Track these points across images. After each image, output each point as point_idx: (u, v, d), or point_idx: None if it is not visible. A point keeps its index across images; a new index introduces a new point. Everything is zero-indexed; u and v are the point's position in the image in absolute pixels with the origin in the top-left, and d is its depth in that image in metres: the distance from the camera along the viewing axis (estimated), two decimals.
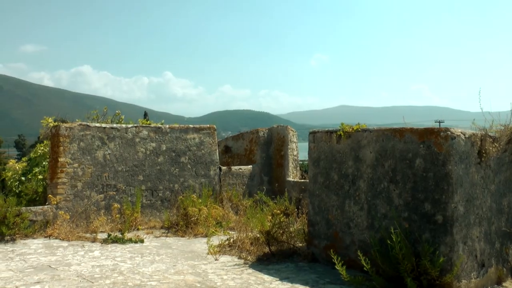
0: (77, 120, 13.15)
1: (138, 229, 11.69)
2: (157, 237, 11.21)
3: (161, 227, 12.07)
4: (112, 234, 10.66)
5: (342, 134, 8.35)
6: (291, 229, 9.67)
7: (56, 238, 10.71)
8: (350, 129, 8.28)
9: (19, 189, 13.92)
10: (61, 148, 11.57)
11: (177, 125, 13.37)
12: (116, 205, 11.71)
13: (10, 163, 17.14)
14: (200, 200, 12.16)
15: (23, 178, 14.32)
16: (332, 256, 7.17)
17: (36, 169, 14.01)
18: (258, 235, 9.58)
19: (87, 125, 12.01)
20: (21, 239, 10.57)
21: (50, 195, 11.41)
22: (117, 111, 15.69)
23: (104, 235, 10.71)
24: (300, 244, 9.39)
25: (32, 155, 15.22)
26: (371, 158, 7.85)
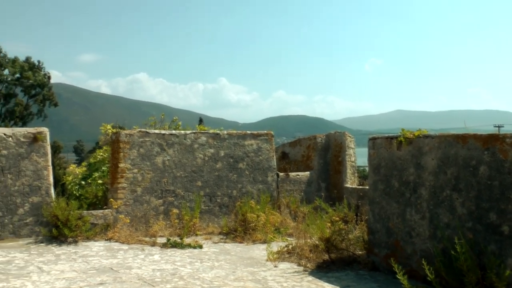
0: (135, 126, 13.34)
1: (196, 235, 11.74)
2: (215, 243, 11.24)
3: (219, 233, 12.08)
4: (171, 239, 10.75)
5: (402, 140, 8.17)
6: (350, 236, 9.53)
7: (116, 241, 10.89)
8: (411, 135, 8.09)
9: (79, 192, 14.21)
10: (121, 154, 11.76)
11: (235, 131, 13.41)
12: (175, 210, 11.81)
13: (71, 167, 17.52)
14: (258, 206, 12.14)
15: (83, 183, 14.62)
16: (394, 265, 7.03)
17: (96, 174, 14.28)
18: (317, 242, 9.47)
19: (147, 132, 12.17)
20: (82, 241, 10.79)
21: (111, 200, 11.60)
22: (174, 118, 15.87)
23: (163, 240, 10.81)
24: (360, 252, 9.25)
25: (91, 160, 15.52)
26: (433, 165, 7.64)
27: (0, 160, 10.84)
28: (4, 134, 10.99)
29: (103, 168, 14.32)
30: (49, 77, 68.99)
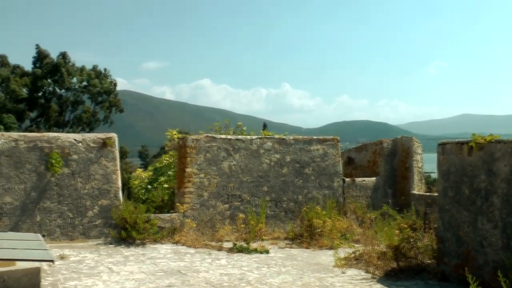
0: (200, 132, 13.43)
1: (262, 240, 11.68)
2: (281, 248, 11.17)
3: (285, 238, 12.00)
4: (237, 243, 10.76)
5: (473, 145, 7.85)
6: (418, 244, 9.28)
7: (183, 245, 10.98)
8: (482, 140, 7.77)
9: (145, 196, 14.40)
10: (188, 159, 11.86)
11: (300, 137, 13.34)
12: (241, 215, 11.82)
13: (137, 172, 17.80)
14: (324, 212, 12.01)
15: (149, 187, 14.81)
16: (468, 276, 6.76)
17: (162, 178, 14.45)
18: (386, 250, 9.28)
19: (213, 137, 12.24)
20: (150, 244, 10.95)
21: (177, 204, 11.71)
22: (238, 123, 15.90)
23: (230, 244, 10.82)
24: (429, 261, 8.98)
25: (157, 165, 15.72)
26: (506, 172, 7.31)
27: (70, 164, 11.11)
28: (75, 140, 11.26)
29: (169, 172, 14.48)
30: (115, 84, 70.48)
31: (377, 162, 15.24)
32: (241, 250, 10.47)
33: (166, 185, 13.96)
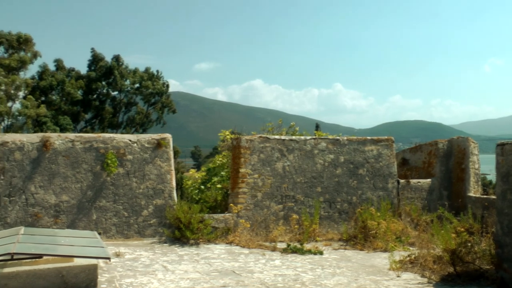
0: (253, 132, 13.42)
1: (316, 241, 11.59)
2: (335, 249, 11.06)
3: (339, 240, 11.88)
4: (291, 244, 10.69)
5: None
6: (476, 249, 9.02)
7: (237, 245, 10.99)
8: None
9: (198, 196, 14.46)
10: (242, 159, 11.87)
11: (355, 137, 13.19)
12: (294, 216, 11.74)
13: (190, 172, 17.92)
14: (378, 214, 11.84)
15: (202, 187, 14.87)
16: None
17: (215, 179, 14.49)
18: (442, 254, 9.05)
19: (267, 138, 12.21)
20: (204, 243, 10.99)
21: (231, 204, 11.73)
22: (291, 123, 15.84)
23: (283, 245, 10.77)
24: (487, 267, 8.71)
25: (211, 165, 15.78)
26: None
27: (126, 164, 11.26)
28: (130, 140, 11.40)
29: (222, 173, 14.53)
30: (167, 86, 71.32)
31: (432, 163, 14.94)
32: (295, 251, 10.42)
33: (219, 186, 14.00)
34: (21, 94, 60.04)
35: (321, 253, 10.42)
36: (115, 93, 68.55)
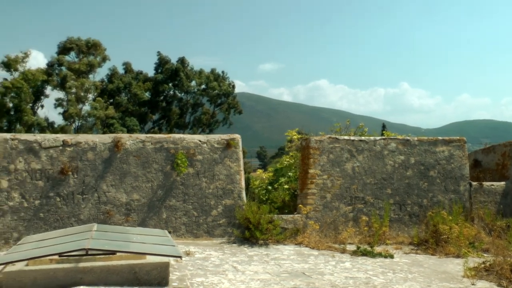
0: (321, 133, 13.32)
1: (386, 244, 11.38)
2: (406, 253, 10.83)
3: (410, 243, 11.62)
4: (361, 246, 10.55)
5: None
6: None
7: (306, 246, 10.91)
8: None
9: (266, 197, 14.45)
10: (311, 160, 11.78)
11: (425, 138, 12.88)
12: (364, 217, 11.56)
13: (258, 172, 17.95)
14: (450, 217, 11.52)
15: (269, 187, 14.85)
16: None
17: (282, 179, 14.44)
18: None
19: (336, 138, 12.09)
20: (273, 244, 10.96)
21: (300, 205, 11.67)
22: (360, 124, 15.65)
23: (353, 247, 10.64)
24: None
25: (278, 165, 15.74)
26: None
27: (195, 164, 11.35)
28: (199, 141, 11.49)
29: (289, 173, 14.46)
30: (233, 86, 71.95)
31: (506, 165, 14.45)
32: (365, 253, 10.27)
33: (286, 186, 13.95)
34: (90, 96, 61.82)
35: (391, 256, 10.22)
36: (182, 94, 69.65)
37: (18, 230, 10.52)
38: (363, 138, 12.38)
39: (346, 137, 12.23)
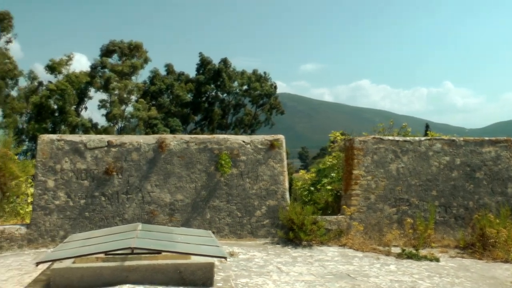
0: (364, 133, 13.21)
1: (431, 247, 11.17)
2: (452, 257, 10.63)
3: (455, 247, 11.40)
4: (406, 249, 10.39)
5: None
6: None
7: (350, 248, 10.83)
8: None
9: (308, 198, 14.39)
10: (355, 160, 11.69)
11: (471, 138, 12.63)
12: (409, 219, 11.39)
13: (300, 173, 17.91)
14: (497, 221, 11.25)
15: (312, 188, 14.79)
16: None
17: (325, 180, 14.36)
18: None
19: (381, 138, 11.96)
20: (317, 245, 10.92)
21: (344, 206, 11.58)
22: (403, 124, 15.48)
23: (397, 249, 10.50)
24: None
25: (321, 166, 15.67)
26: None
27: (239, 165, 11.37)
28: (243, 141, 11.51)
29: (332, 174, 14.38)
30: (275, 87, 71.99)
31: None
32: (410, 256, 10.12)
33: (329, 187, 13.86)
34: (133, 97, 62.68)
35: (437, 260, 10.05)
36: (224, 95, 70.01)
37: (64, 228, 10.71)
38: (407, 138, 12.21)
39: (390, 138, 12.08)
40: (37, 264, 7.41)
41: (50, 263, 7.74)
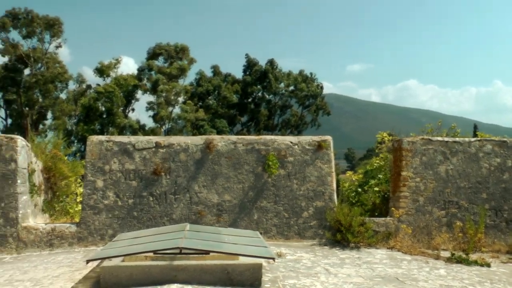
0: (411, 134, 13.04)
1: (481, 251, 10.91)
2: (503, 262, 10.32)
3: (507, 252, 11.07)
4: (456, 253, 10.18)
5: None
6: None
7: (398, 251, 10.69)
8: None
9: (355, 199, 14.29)
10: (404, 162, 11.54)
11: None
12: (458, 223, 11.18)
13: (347, 174, 17.80)
14: None
15: (359, 189, 14.67)
16: None
17: (372, 181, 14.22)
18: None
19: (429, 139, 11.78)
20: (364, 247, 10.81)
21: (393, 208, 11.45)
22: (452, 125, 15.23)
23: (447, 253, 10.30)
24: None
25: (368, 167, 15.53)
26: None
27: (286, 166, 11.38)
28: (291, 142, 11.51)
29: (379, 175, 14.23)
30: (321, 88, 71.75)
31: None
32: (459, 261, 9.89)
33: (376, 188, 13.72)
34: (180, 99, 63.38)
35: (488, 265, 9.79)
36: (270, 96, 70.10)
37: (112, 227, 10.90)
38: (457, 139, 11.98)
39: (439, 138, 11.88)
40: (88, 261, 7.57)
41: (100, 261, 7.89)
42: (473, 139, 12.05)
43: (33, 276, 8.35)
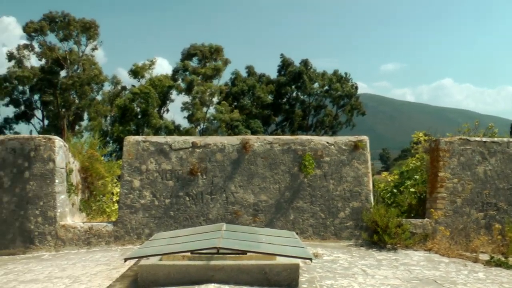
0: (448, 134, 12.91)
1: None
2: None
3: None
4: (495, 256, 10.00)
5: None
6: None
7: (435, 253, 10.57)
8: None
9: (391, 200, 14.18)
10: (441, 162, 11.43)
11: None
12: (497, 225, 11.02)
13: (383, 175, 17.67)
14: None
15: (395, 190, 14.56)
16: None
17: (408, 182, 14.10)
18: None
19: (467, 139, 11.64)
20: (401, 249, 10.73)
21: (431, 209, 11.34)
22: (489, 125, 15.02)
23: (485, 256, 10.12)
24: None
25: (404, 168, 15.40)
26: None
27: (323, 166, 11.36)
28: (327, 142, 11.50)
29: (415, 176, 14.10)
30: (356, 88, 71.44)
31: None
32: (499, 264, 9.71)
33: (412, 189, 13.60)
34: (215, 100, 63.72)
35: None
36: (305, 96, 70.03)
37: (149, 226, 11.03)
38: (495, 139, 11.81)
39: (477, 139, 11.73)
40: (125, 260, 7.67)
41: (137, 259, 7.99)
42: (511, 140, 11.88)
43: (71, 273, 8.51)
